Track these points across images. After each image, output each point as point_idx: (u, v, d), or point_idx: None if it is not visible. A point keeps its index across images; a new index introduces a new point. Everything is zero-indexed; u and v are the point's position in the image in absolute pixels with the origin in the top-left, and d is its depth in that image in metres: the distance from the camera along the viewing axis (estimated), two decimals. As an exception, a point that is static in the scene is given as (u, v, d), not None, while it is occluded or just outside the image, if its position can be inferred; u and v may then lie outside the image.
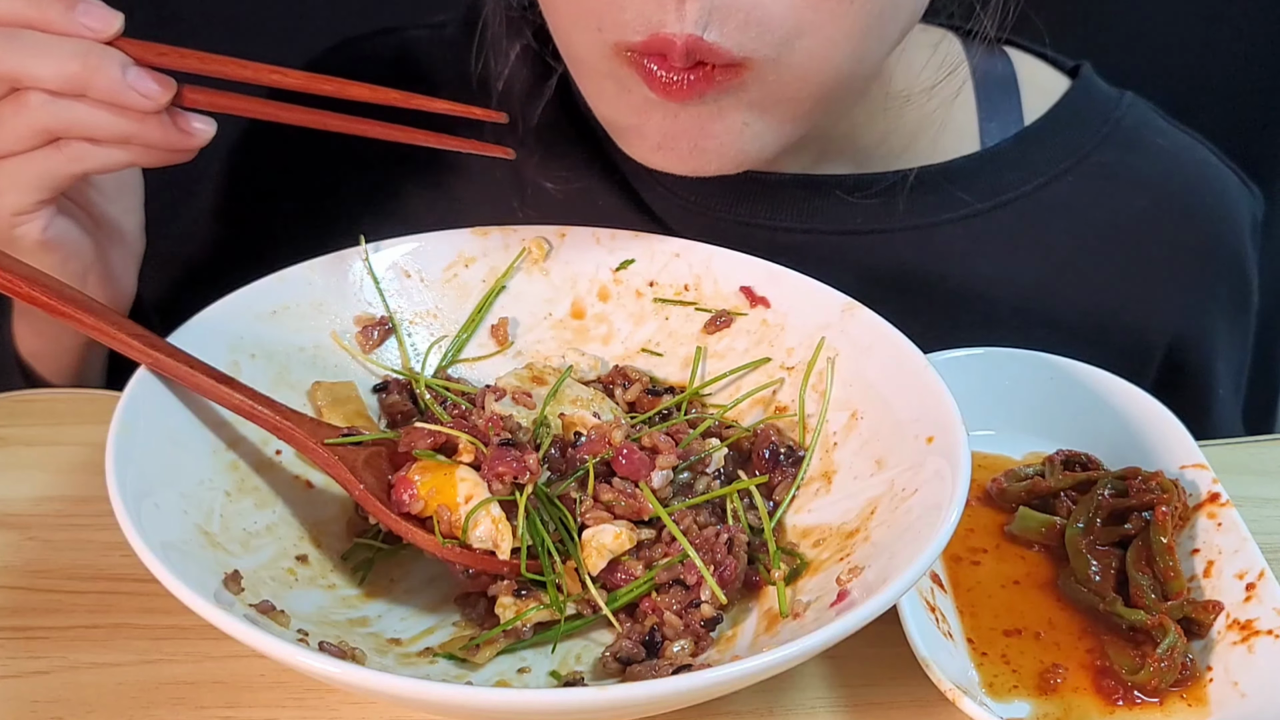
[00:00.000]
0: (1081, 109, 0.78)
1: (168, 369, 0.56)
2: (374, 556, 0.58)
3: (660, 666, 0.52)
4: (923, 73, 0.72)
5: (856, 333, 0.62)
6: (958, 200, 0.74)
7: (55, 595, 0.59)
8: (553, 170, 0.74)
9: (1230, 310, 0.81)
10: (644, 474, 0.58)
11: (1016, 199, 0.75)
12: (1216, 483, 0.61)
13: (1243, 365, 0.86)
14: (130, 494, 0.49)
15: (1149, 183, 0.77)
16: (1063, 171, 0.75)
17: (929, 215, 0.74)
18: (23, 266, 0.58)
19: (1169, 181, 0.77)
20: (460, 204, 0.80)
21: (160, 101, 0.59)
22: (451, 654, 0.54)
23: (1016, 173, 0.75)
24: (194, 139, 0.61)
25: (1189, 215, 0.77)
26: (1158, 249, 0.76)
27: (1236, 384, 0.86)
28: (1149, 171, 0.77)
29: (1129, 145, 0.77)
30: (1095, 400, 0.67)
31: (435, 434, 0.57)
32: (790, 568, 0.55)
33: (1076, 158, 0.76)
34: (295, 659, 0.43)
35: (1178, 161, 0.79)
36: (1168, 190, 0.77)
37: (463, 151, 0.64)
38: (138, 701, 0.53)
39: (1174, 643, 0.54)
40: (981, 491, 0.65)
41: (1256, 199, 0.82)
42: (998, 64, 0.78)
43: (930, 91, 0.71)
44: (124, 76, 0.58)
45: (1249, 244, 0.81)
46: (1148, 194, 0.77)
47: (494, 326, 0.68)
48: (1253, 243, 0.81)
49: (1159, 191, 0.77)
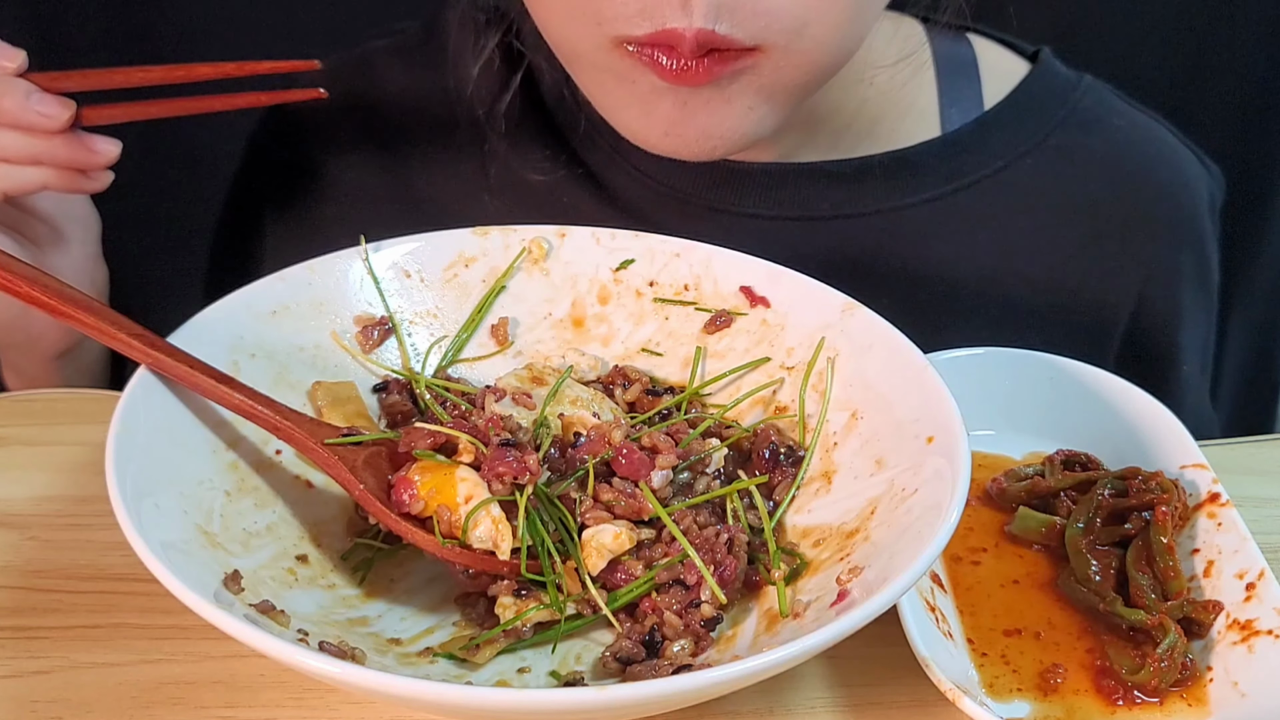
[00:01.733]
0: (1040, 93, 0.79)
1: (168, 369, 0.56)
2: (374, 556, 0.58)
3: (660, 666, 0.52)
4: (886, 52, 0.74)
5: (856, 333, 0.62)
6: (921, 184, 0.76)
7: (55, 595, 0.59)
8: (521, 165, 0.76)
9: (1193, 282, 0.81)
10: (644, 474, 0.58)
11: (978, 181, 0.76)
12: (1216, 483, 0.61)
13: (1207, 344, 0.86)
14: (130, 494, 0.49)
15: (1106, 162, 0.79)
16: (1022, 154, 0.77)
17: (893, 199, 0.76)
18: (23, 267, 0.58)
19: (1125, 160, 0.79)
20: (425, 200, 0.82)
21: (61, 118, 0.64)
22: (451, 654, 0.54)
23: (977, 156, 0.77)
24: (100, 157, 0.67)
25: (1145, 190, 0.79)
26: (1115, 224, 0.78)
27: (1203, 363, 0.87)
28: (1106, 151, 0.79)
29: (1086, 127, 0.79)
30: (1095, 400, 0.67)
31: (435, 434, 0.57)
32: (790, 567, 0.55)
33: (1035, 141, 0.77)
34: (295, 659, 0.43)
35: (1133, 141, 0.80)
36: (1124, 169, 0.79)
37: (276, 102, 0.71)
38: (138, 701, 0.53)
39: (1174, 643, 0.54)
40: (981, 491, 0.65)
41: (1215, 179, 0.84)
42: (959, 49, 0.80)
43: (892, 70, 0.73)
44: (27, 101, 0.63)
45: (1208, 219, 0.82)
46: (1105, 173, 0.78)
47: (494, 326, 0.68)
48: (1211, 220, 0.83)
49: (1116, 170, 0.78)
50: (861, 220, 0.76)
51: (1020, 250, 0.77)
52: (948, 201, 0.76)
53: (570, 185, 0.77)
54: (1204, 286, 0.83)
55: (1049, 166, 0.77)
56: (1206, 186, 0.82)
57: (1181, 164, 0.82)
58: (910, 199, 0.76)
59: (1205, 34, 1.29)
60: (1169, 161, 0.81)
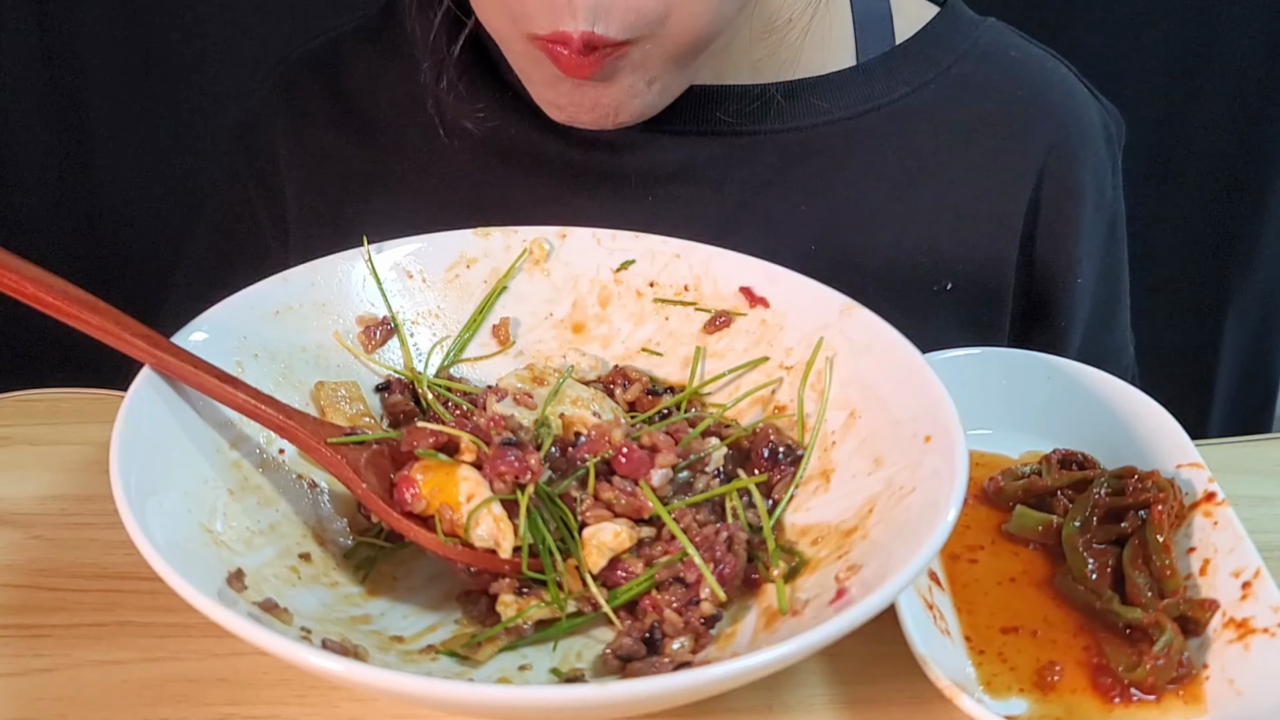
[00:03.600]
0: (945, 30, 0.87)
1: (172, 369, 0.56)
2: (376, 555, 0.59)
3: (660, 663, 0.52)
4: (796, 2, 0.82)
5: (855, 333, 0.62)
6: (835, 105, 0.84)
7: (59, 593, 0.59)
8: (471, 110, 0.83)
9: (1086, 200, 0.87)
10: (644, 473, 0.58)
11: (886, 104, 0.84)
12: (1212, 481, 0.62)
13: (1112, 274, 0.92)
14: (134, 493, 0.49)
15: (1000, 87, 0.86)
16: (925, 83, 0.85)
17: (811, 117, 0.84)
18: (28, 266, 0.58)
19: (1018, 85, 0.86)
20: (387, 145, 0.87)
21: None
22: (453, 651, 0.54)
23: (885, 83, 0.85)
24: None
25: (1035, 108, 0.86)
26: (1006, 140, 0.85)
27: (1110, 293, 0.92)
28: (1001, 78, 0.86)
29: (985, 58, 0.86)
30: (1092, 399, 0.68)
31: (437, 433, 0.57)
32: (789, 565, 0.56)
33: (938, 71, 0.85)
34: (298, 656, 0.44)
35: (1028, 69, 0.88)
36: (1016, 92, 0.86)
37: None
38: (141, 699, 0.54)
39: (1170, 640, 0.54)
40: (979, 490, 0.65)
41: (1112, 115, 0.90)
42: (873, 3, 0.88)
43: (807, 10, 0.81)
44: None
45: (1101, 143, 0.88)
46: (999, 96, 0.86)
47: (495, 326, 0.69)
48: (1108, 149, 0.89)
49: (1009, 93, 0.86)
50: (783, 136, 0.83)
51: (924, 166, 0.84)
52: (858, 122, 0.84)
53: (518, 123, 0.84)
54: (1100, 209, 0.88)
55: (949, 92, 0.85)
56: (1098, 114, 0.88)
57: (1071, 89, 0.88)
58: (826, 118, 0.83)
59: (1205, 34, 1.30)
60: (1058, 86, 0.88)
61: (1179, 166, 1.36)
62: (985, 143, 0.85)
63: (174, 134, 1.32)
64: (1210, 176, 1.37)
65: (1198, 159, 1.36)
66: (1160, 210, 1.38)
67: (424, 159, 0.86)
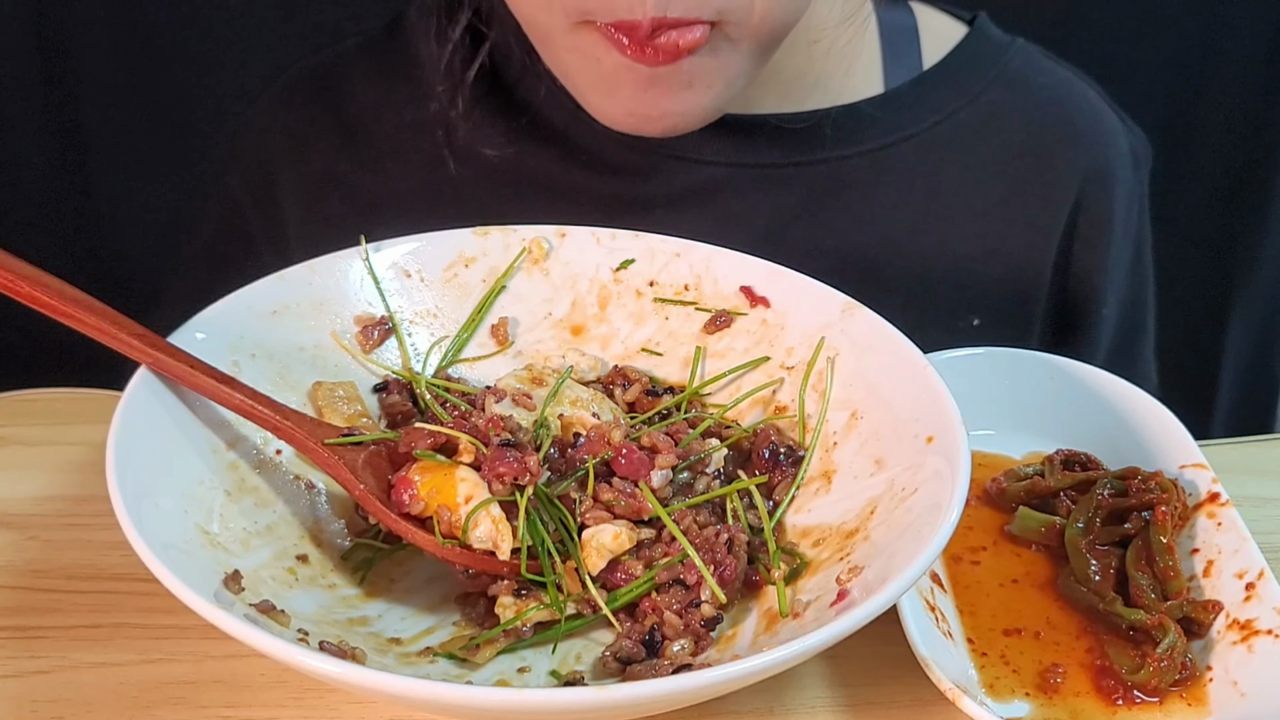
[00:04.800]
0: (974, 54, 0.86)
1: (168, 369, 0.56)
2: (374, 556, 0.58)
3: (660, 666, 0.52)
4: (831, 13, 0.80)
5: (856, 332, 0.62)
6: (865, 136, 0.82)
7: (55, 595, 0.59)
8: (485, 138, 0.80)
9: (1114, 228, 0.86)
10: (643, 474, 0.58)
11: (916, 134, 0.83)
12: (1216, 482, 0.61)
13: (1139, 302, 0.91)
14: (130, 494, 0.49)
15: (1028, 116, 0.85)
16: (955, 110, 0.84)
17: (840, 149, 0.82)
18: (24, 266, 0.57)
19: (1046, 113, 0.86)
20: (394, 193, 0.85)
21: None
22: (452, 653, 0.54)
23: (915, 112, 0.83)
24: None
25: (1063, 138, 0.85)
26: (1035, 171, 0.84)
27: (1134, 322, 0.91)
28: (1029, 107, 0.85)
29: (1014, 85, 0.85)
30: (1095, 400, 0.67)
31: (435, 434, 0.57)
32: (790, 567, 0.55)
33: (968, 98, 0.84)
34: (295, 658, 0.43)
35: (1055, 96, 0.87)
36: (1044, 121, 0.85)
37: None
38: (138, 701, 0.53)
39: (1174, 642, 0.54)
40: (981, 491, 0.65)
41: (1137, 137, 0.89)
42: (901, 16, 0.86)
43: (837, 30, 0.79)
44: None
45: (1128, 169, 0.87)
46: (1027, 126, 0.85)
47: (494, 326, 0.68)
48: (1135, 175, 0.88)
49: (1037, 122, 0.85)
50: (811, 168, 0.82)
51: (953, 198, 0.83)
52: (888, 153, 0.82)
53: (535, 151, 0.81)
54: (1126, 238, 0.88)
55: (979, 122, 0.84)
56: (1125, 140, 0.88)
57: (1099, 116, 0.88)
58: (856, 149, 0.82)
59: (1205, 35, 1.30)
60: (1087, 112, 0.87)
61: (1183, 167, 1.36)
62: (1015, 174, 0.83)
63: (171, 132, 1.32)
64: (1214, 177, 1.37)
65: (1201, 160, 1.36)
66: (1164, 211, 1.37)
67: (432, 186, 0.84)
